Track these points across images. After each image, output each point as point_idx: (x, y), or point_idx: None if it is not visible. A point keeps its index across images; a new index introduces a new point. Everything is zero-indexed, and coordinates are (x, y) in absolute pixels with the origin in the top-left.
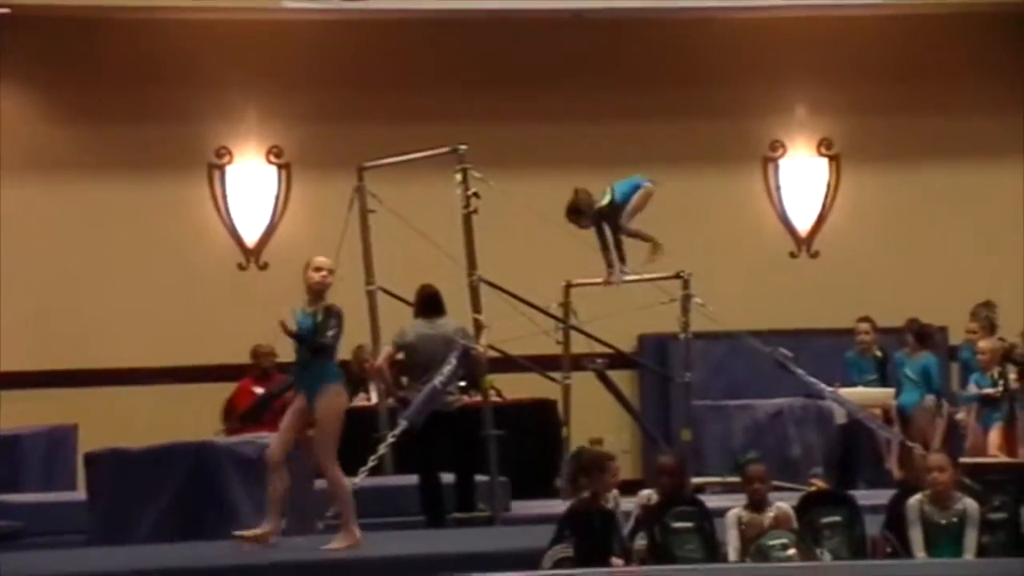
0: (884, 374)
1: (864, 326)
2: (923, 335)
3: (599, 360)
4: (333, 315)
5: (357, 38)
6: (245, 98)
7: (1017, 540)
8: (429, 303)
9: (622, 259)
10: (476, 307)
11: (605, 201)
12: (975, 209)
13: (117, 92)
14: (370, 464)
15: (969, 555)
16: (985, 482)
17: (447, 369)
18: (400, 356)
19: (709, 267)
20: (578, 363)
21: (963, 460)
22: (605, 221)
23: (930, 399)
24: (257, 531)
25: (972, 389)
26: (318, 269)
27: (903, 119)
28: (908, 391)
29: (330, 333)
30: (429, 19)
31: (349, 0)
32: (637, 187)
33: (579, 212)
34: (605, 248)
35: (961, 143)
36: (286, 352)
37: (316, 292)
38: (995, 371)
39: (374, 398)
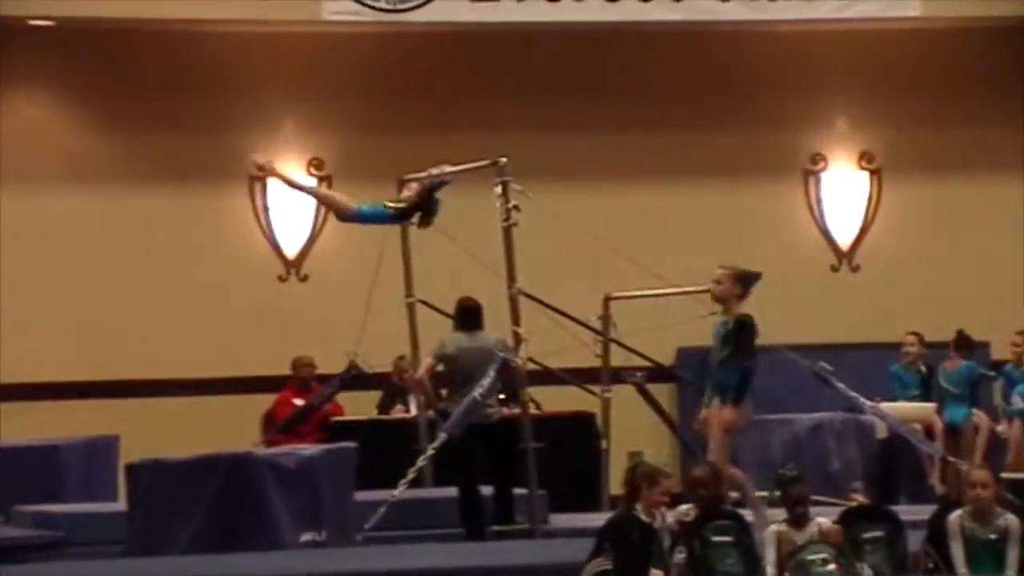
0: (928, 389)
1: (911, 338)
2: (964, 343)
3: (638, 373)
4: (740, 327)
5: (397, 49)
6: (286, 110)
7: None
8: (469, 315)
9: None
10: (515, 320)
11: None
12: (1018, 223)
13: (158, 103)
14: (409, 476)
15: (1011, 572)
16: None
17: (486, 381)
18: (440, 368)
19: None
20: (617, 376)
21: (1005, 475)
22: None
23: (978, 414)
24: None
25: (1017, 402)
26: (713, 280)
27: (945, 132)
28: (953, 406)
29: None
30: (469, 31)
31: (389, 12)
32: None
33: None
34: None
35: (1004, 156)
36: (326, 364)
37: (717, 302)
38: None
39: (413, 410)
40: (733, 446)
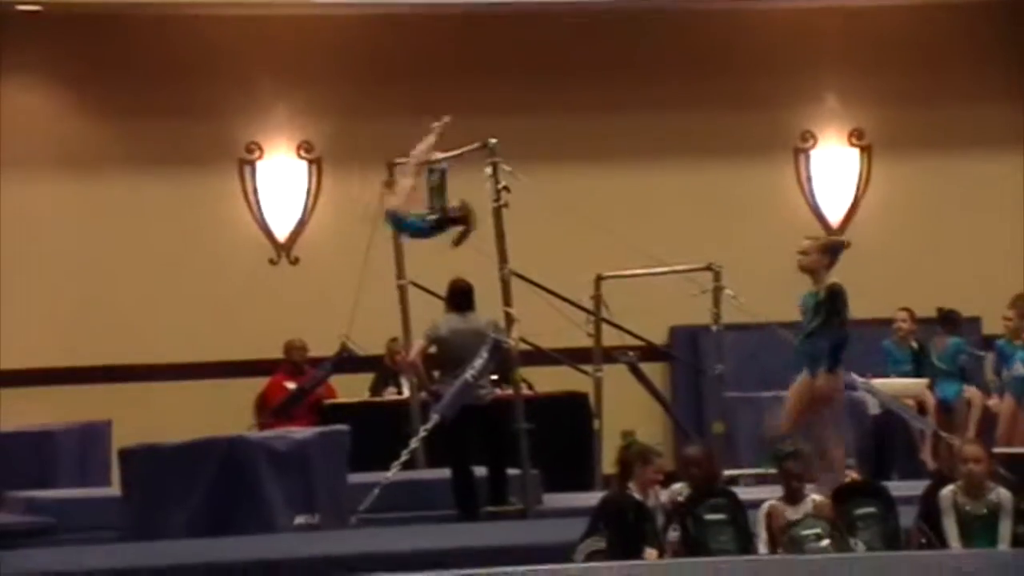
0: (919, 365)
1: (902, 315)
2: (948, 319)
3: (630, 352)
4: (833, 295)
5: (386, 32)
6: (275, 93)
7: None
8: (461, 297)
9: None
10: (507, 300)
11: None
12: (1008, 199)
13: (148, 88)
14: (402, 458)
15: (1004, 545)
16: (1020, 472)
17: (478, 363)
18: (432, 350)
19: (740, 258)
20: (609, 356)
21: (997, 450)
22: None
23: (971, 389)
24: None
25: (1019, 369)
26: (800, 251)
27: (935, 109)
28: (945, 383)
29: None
30: (458, 12)
31: None
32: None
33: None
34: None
35: (994, 132)
36: (318, 347)
37: (805, 272)
38: None
39: (406, 392)
40: (834, 414)
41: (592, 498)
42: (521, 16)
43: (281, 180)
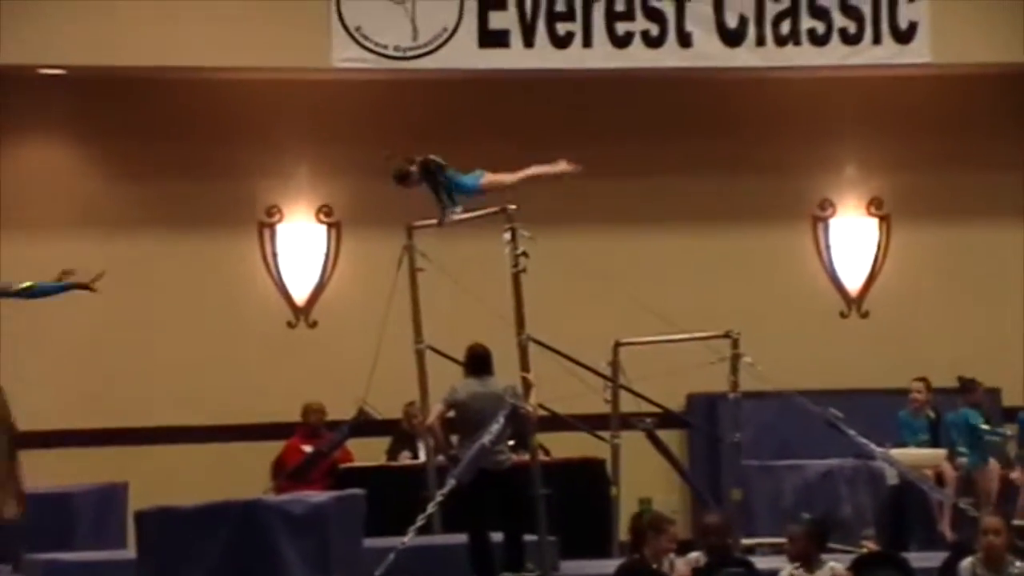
0: (936, 435)
1: (918, 385)
2: (966, 388)
3: (648, 419)
4: None
5: (408, 96)
6: (296, 157)
7: None
8: (479, 362)
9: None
10: (525, 366)
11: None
12: None
13: (169, 150)
14: (419, 523)
15: None
16: None
17: (495, 428)
18: (451, 414)
19: (759, 326)
20: (627, 422)
21: (1017, 522)
22: (433, 174)
23: (994, 463)
24: None
25: None
26: None
27: (954, 178)
28: (970, 452)
29: None
30: (479, 78)
31: (398, 59)
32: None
33: (404, 177)
34: (437, 195)
35: (1013, 201)
36: (335, 410)
37: None
38: None
39: (422, 456)
40: None
41: (609, 565)
42: (539, 80)
43: (300, 243)
